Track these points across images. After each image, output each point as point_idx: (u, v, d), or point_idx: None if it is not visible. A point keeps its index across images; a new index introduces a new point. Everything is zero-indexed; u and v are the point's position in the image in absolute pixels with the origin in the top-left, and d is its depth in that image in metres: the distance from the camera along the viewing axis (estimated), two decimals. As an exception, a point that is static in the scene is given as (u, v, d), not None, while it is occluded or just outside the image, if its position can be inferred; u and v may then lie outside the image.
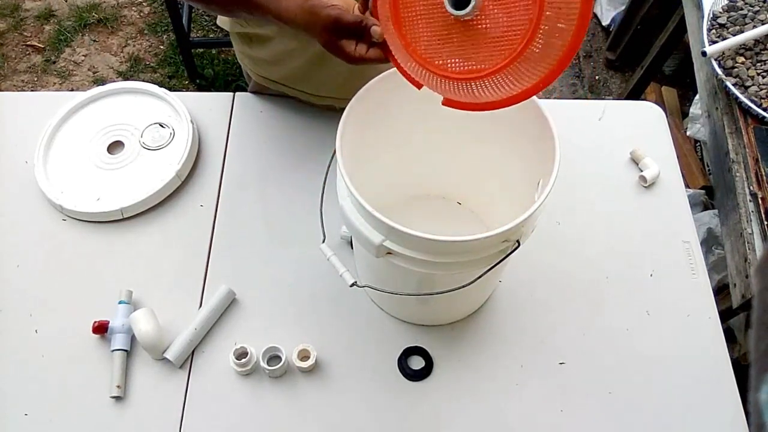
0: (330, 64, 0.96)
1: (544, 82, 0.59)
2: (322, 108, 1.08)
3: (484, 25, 0.58)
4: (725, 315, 1.06)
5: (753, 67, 1.18)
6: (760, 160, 1.10)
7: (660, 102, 1.99)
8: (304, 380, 0.87)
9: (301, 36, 0.71)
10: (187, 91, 2.20)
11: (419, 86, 0.64)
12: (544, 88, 0.59)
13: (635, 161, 1.07)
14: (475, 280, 0.71)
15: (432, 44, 0.59)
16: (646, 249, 0.99)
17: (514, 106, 0.61)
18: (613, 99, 2.08)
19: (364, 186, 0.68)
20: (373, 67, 0.70)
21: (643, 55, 1.88)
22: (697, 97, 1.69)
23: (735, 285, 1.07)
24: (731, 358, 0.90)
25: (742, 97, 1.14)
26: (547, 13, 0.55)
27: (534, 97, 0.71)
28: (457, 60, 0.59)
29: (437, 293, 0.74)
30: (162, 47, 2.34)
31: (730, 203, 1.12)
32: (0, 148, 1.07)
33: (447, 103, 0.62)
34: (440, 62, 0.59)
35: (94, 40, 2.35)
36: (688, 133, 1.77)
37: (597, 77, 2.31)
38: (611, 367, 0.89)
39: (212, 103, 1.12)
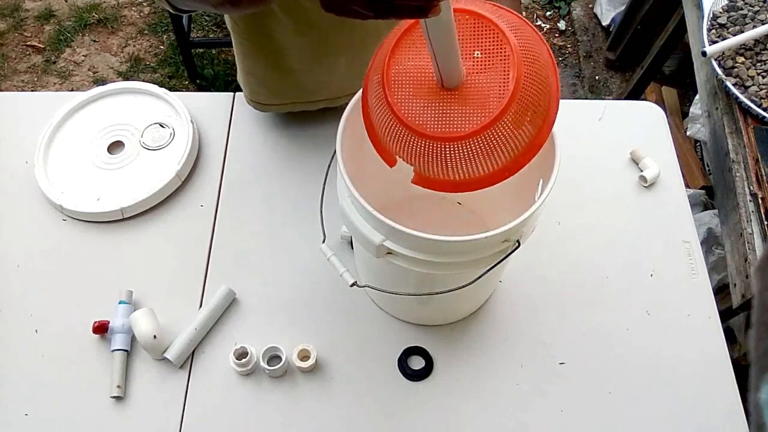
0: (325, 62, 0.96)
1: (510, 168, 0.62)
2: (317, 111, 1.07)
3: (466, 95, 0.61)
4: (725, 315, 1.06)
5: (753, 67, 1.18)
6: (760, 160, 1.10)
7: (660, 102, 1.99)
8: (304, 380, 0.87)
9: None
10: (187, 91, 2.20)
11: (392, 163, 0.65)
12: (511, 174, 0.63)
13: (635, 161, 1.07)
14: (475, 280, 0.71)
15: (415, 107, 0.62)
16: (646, 249, 0.99)
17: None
18: (613, 99, 2.08)
19: (364, 186, 0.68)
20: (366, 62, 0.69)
21: (643, 55, 1.88)
22: (697, 97, 1.69)
23: (735, 285, 1.07)
24: (731, 358, 0.90)
25: (742, 97, 1.14)
26: (521, 100, 0.59)
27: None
28: (437, 123, 0.61)
29: (437, 293, 0.74)
30: (162, 47, 2.34)
31: (730, 203, 1.12)
32: (0, 148, 1.07)
33: (417, 180, 0.64)
34: (420, 123, 0.61)
35: (94, 40, 2.35)
36: (688, 133, 1.77)
37: (597, 77, 2.31)
38: (611, 367, 0.89)
39: (212, 103, 1.12)
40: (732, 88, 1.15)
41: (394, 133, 0.63)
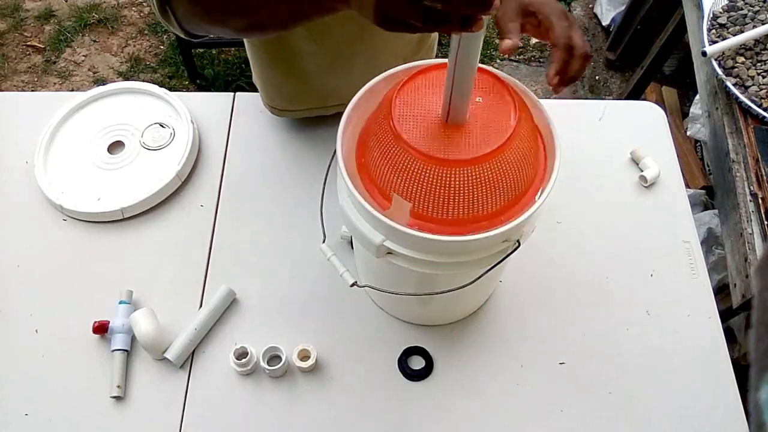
0: (339, 69, 0.96)
1: (507, 209, 0.66)
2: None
3: (470, 130, 0.65)
4: (725, 315, 1.06)
5: (753, 67, 1.18)
6: (760, 160, 1.10)
7: (660, 102, 1.99)
8: (304, 380, 0.87)
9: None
10: (187, 91, 2.20)
11: (385, 206, 0.67)
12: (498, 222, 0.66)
13: (635, 161, 1.07)
14: (475, 280, 0.71)
15: (421, 137, 0.64)
16: (646, 249, 0.99)
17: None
18: (613, 99, 2.08)
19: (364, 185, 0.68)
20: (385, 65, 0.69)
21: (643, 55, 1.88)
22: (697, 97, 1.70)
23: (735, 285, 1.07)
24: (731, 358, 0.90)
25: (742, 97, 1.14)
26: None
27: (534, 97, 0.71)
28: (442, 150, 0.64)
29: (437, 293, 0.74)
30: (162, 47, 2.34)
31: (730, 203, 1.12)
32: (0, 148, 1.07)
33: (413, 223, 0.65)
34: (426, 149, 0.63)
35: (94, 41, 2.35)
36: (688, 133, 1.77)
37: (597, 77, 2.31)
38: (611, 367, 0.89)
39: (212, 103, 1.12)
40: (732, 88, 1.15)
41: (397, 164, 0.64)
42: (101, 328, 0.87)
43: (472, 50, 0.57)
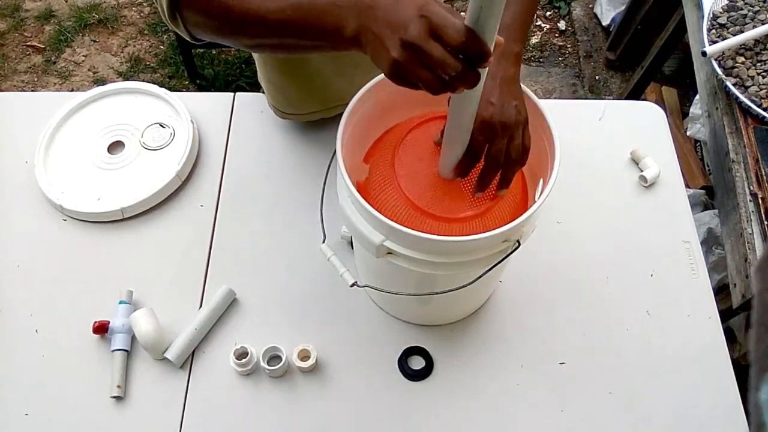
0: (343, 73, 0.96)
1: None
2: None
3: (461, 187, 0.70)
4: (725, 315, 1.06)
5: (753, 67, 1.18)
6: (760, 160, 1.10)
7: (660, 102, 1.99)
8: (304, 380, 0.87)
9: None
10: (187, 91, 2.20)
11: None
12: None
13: (635, 161, 1.07)
14: (475, 280, 0.71)
15: (420, 193, 0.69)
16: (646, 249, 0.99)
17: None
18: (613, 99, 2.08)
19: (364, 186, 0.68)
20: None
21: (643, 55, 1.88)
22: (697, 97, 1.69)
23: (735, 285, 1.07)
24: (731, 358, 0.90)
25: (742, 97, 1.14)
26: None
27: (534, 97, 0.71)
28: (435, 207, 0.69)
29: (437, 293, 0.74)
30: (162, 47, 2.34)
31: (730, 203, 1.12)
32: (0, 148, 1.07)
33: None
34: (423, 205, 0.68)
35: (94, 41, 2.35)
36: (688, 133, 1.77)
37: (597, 77, 2.31)
38: (611, 367, 0.89)
39: (212, 103, 1.12)
40: (732, 88, 1.15)
41: (392, 206, 0.69)
42: (101, 328, 0.87)
43: (464, 118, 0.61)
